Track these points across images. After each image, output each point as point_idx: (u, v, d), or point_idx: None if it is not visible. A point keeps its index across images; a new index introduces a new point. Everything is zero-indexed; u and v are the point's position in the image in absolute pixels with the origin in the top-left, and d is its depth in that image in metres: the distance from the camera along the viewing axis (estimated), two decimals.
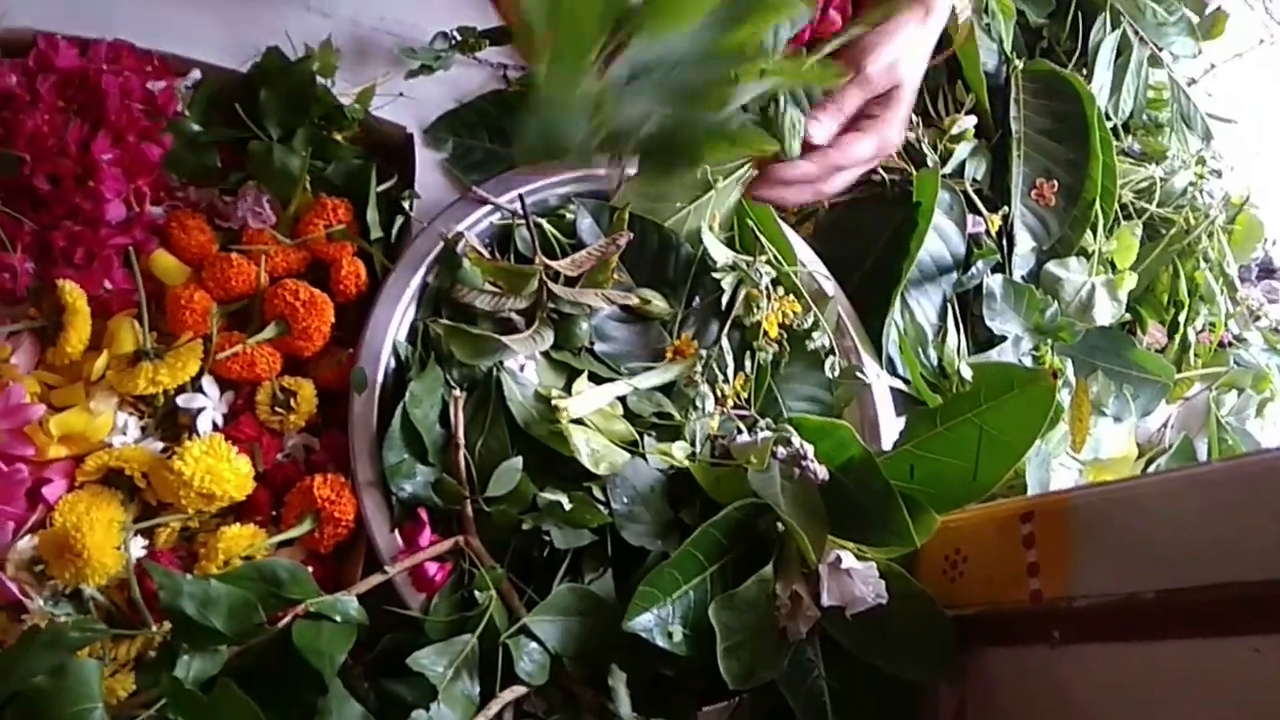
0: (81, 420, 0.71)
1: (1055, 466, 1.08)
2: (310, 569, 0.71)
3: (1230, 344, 1.21)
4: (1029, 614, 0.73)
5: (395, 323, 0.80)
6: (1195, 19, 1.33)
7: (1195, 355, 1.17)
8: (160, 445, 0.73)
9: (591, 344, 0.87)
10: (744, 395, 0.90)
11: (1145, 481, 0.70)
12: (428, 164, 0.90)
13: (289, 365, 0.79)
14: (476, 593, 0.72)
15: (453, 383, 0.80)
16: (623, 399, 0.85)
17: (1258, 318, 1.25)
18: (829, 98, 0.78)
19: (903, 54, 0.79)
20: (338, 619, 0.67)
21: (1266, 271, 1.30)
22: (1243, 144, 1.36)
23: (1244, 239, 1.19)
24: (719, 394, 0.88)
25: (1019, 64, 1.13)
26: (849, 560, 0.72)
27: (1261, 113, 1.43)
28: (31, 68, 0.77)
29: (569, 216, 0.90)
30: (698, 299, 0.91)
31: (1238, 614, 0.60)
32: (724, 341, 0.88)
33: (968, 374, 0.99)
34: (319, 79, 0.83)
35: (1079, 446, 1.10)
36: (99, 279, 0.75)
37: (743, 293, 0.91)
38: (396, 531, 0.74)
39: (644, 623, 0.72)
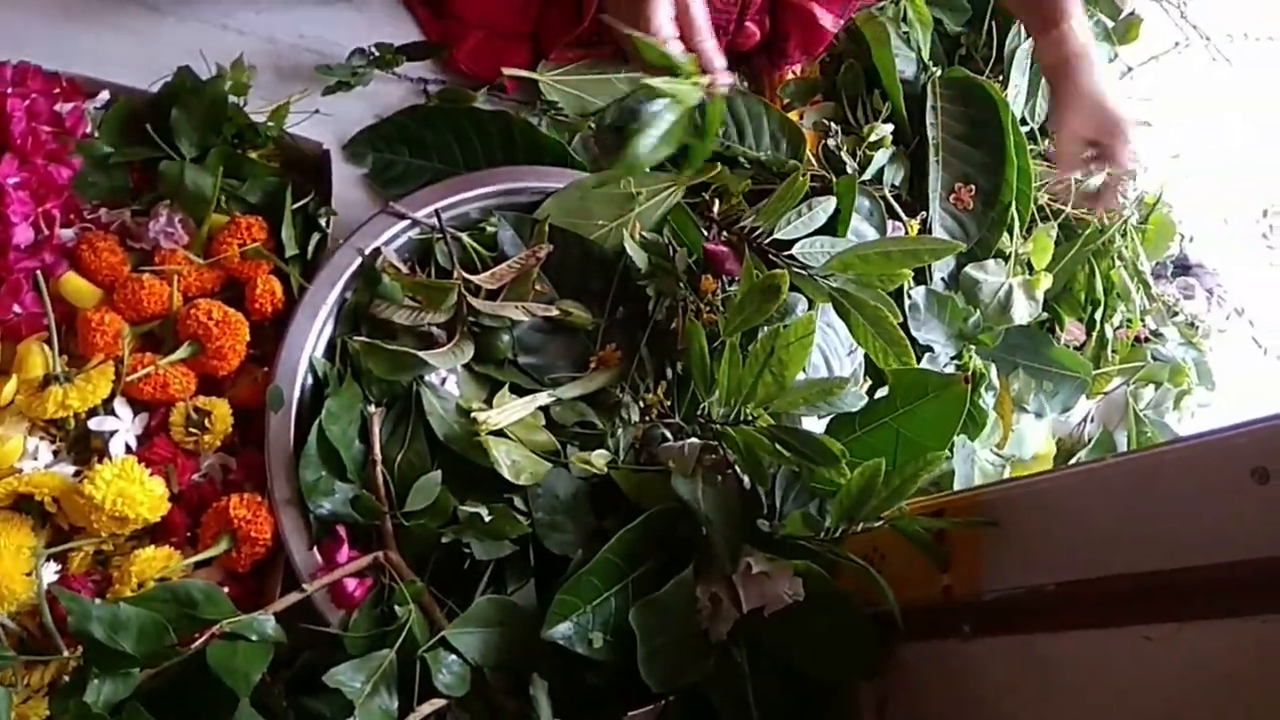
0: None
1: (983, 464, 1.11)
2: (228, 589, 0.72)
3: (1147, 339, 1.25)
4: (942, 609, 0.75)
5: (312, 340, 0.80)
6: (1111, 23, 1.37)
7: (1113, 351, 1.20)
8: (73, 469, 0.73)
9: (515, 356, 0.87)
10: (668, 403, 0.91)
11: (1047, 477, 0.73)
12: (347, 180, 0.91)
13: (205, 385, 0.78)
14: (396, 607, 0.72)
15: (373, 398, 0.80)
16: (546, 410, 0.86)
17: (1175, 313, 1.29)
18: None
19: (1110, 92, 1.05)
20: (254, 638, 0.67)
21: (1182, 268, 1.34)
22: (1159, 145, 1.40)
23: (1157, 237, 1.22)
24: (643, 402, 0.89)
25: (936, 71, 1.16)
26: (760, 564, 0.74)
27: (1177, 114, 1.47)
28: None
29: (490, 229, 0.90)
30: (621, 309, 0.92)
31: (1130, 604, 0.62)
32: (643, 350, 0.89)
33: None
34: (231, 97, 0.83)
35: (1003, 444, 1.13)
36: (8, 303, 0.74)
37: (665, 301, 0.92)
38: (315, 549, 0.74)
39: (563, 631, 0.73)
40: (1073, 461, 1.17)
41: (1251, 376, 1.35)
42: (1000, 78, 1.21)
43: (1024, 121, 1.21)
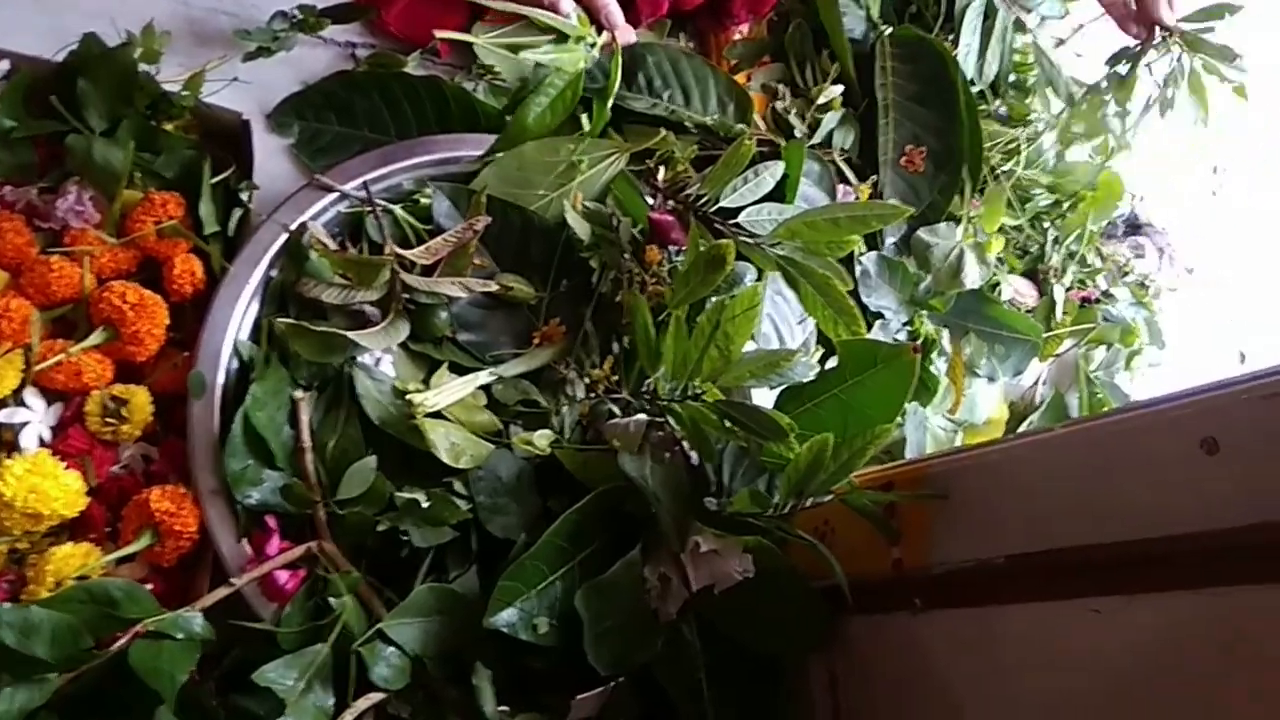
0: None
1: (934, 430, 1.10)
2: (153, 585, 0.69)
3: (1099, 300, 1.24)
4: (892, 582, 0.74)
5: (235, 322, 0.76)
6: None
7: (1064, 313, 1.19)
8: None
9: (453, 334, 0.84)
10: (615, 378, 0.89)
11: (996, 448, 0.71)
12: (271, 151, 0.86)
13: (123, 373, 0.75)
14: (331, 599, 0.70)
15: (302, 382, 0.77)
16: (488, 389, 0.83)
17: (1125, 273, 1.29)
18: None
19: None
20: (180, 636, 0.65)
21: (1133, 228, 1.33)
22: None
23: (1106, 196, 1.21)
24: (588, 378, 0.87)
25: (886, 30, 1.13)
26: (709, 542, 0.72)
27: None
28: None
29: (425, 201, 0.87)
30: (564, 282, 0.89)
31: (1078, 577, 0.61)
32: (588, 324, 0.87)
33: None
34: (143, 65, 0.78)
35: (955, 409, 1.12)
36: None
37: (610, 273, 0.89)
38: (244, 541, 0.72)
39: (506, 618, 0.71)
40: (1024, 427, 1.16)
41: (1201, 334, 1.36)
42: (951, 36, 1.18)
43: (973, 82, 1.19)
